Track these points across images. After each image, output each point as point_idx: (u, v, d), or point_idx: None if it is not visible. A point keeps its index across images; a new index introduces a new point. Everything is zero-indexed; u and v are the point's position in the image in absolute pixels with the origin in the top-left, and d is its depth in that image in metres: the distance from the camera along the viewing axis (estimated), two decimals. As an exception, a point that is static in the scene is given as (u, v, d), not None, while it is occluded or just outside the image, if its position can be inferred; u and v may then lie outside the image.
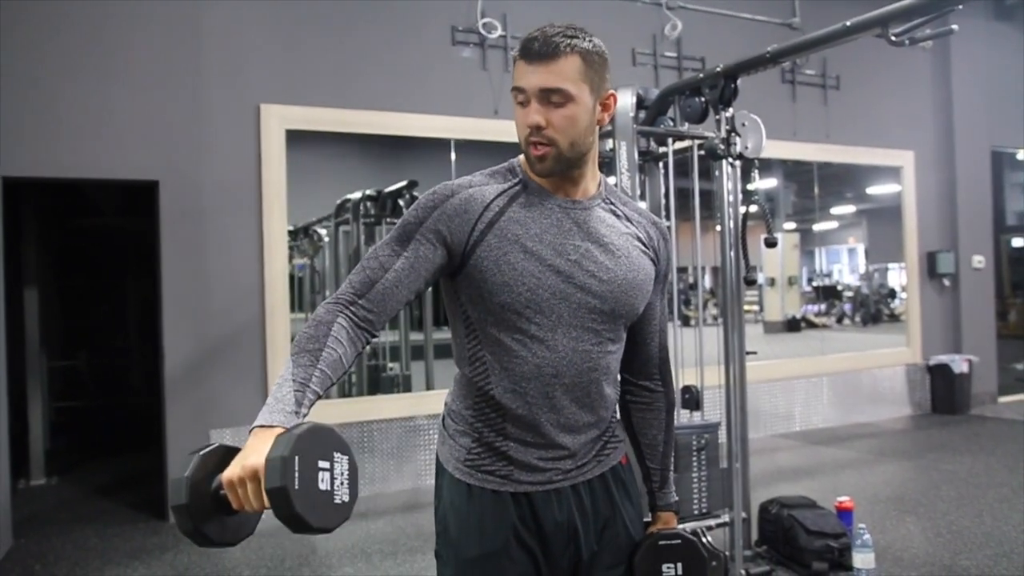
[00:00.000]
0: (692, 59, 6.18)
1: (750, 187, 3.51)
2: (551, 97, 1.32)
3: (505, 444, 1.41)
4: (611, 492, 1.50)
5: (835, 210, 9.99)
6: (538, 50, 1.31)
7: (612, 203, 1.48)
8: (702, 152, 3.56)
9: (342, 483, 1.07)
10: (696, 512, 3.53)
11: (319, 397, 1.18)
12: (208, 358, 4.71)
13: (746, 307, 13.52)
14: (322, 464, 1.05)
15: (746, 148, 3.42)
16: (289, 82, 4.97)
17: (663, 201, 3.86)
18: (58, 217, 7.20)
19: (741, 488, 3.49)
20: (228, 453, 1.11)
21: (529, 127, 1.33)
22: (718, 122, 3.46)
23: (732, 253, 3.52)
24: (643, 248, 1.48)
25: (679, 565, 1.53)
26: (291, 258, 6.16)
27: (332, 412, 5.16)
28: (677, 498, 1.66)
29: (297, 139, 5.00)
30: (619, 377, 1.55)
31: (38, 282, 5.79)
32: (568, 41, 1.32)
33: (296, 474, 1.00)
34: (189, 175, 4.65)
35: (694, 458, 3.53)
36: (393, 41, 5.29)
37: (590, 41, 1.35)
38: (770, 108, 6.42)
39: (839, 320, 12.66)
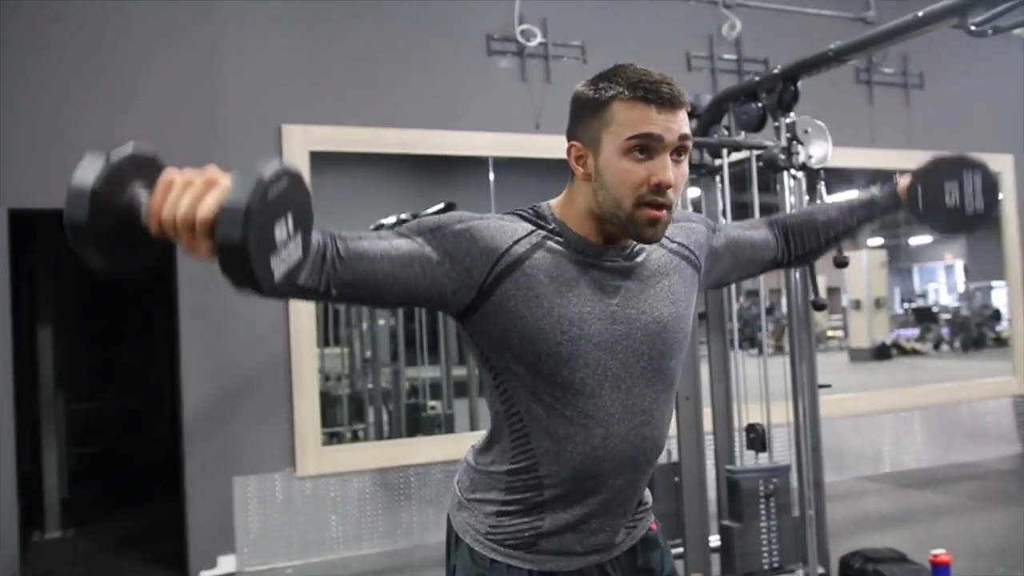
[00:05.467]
0: (754, 61, 6.10)
1: (818, 201, 3.44)
2: (681, 149, 1.28)
3: (540, 516, 1.38)
4: (636, 560, 1.49)
5: (928, 223, 9.81)
6: (670, 96, 1.26)
7: None
8: (761, 163, 3.50)
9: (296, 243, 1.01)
10: (766, 567, 3.43)
11: None
12: (230, 399, 4.76)
13: (829, 333, 13.12)
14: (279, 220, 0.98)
15: (810, 157, 3.36)
16: (312, 101, 5.05)
17: (721, 219, 3.80)
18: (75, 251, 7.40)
19: (815, 539, 3.38)
20: (151, 166, 1.01)
21: (661, 184, 1.26)
22: (777, 129, 3.41)
23: (797, 275, 3.44)
24: (679, 259, 1.45)
25: (947, 185, 1.63)
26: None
27: (368, 455, 5.17)
28: (883, 185, 1.73)
29: (324, 161, 5.06)
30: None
31: (53, 319, 5.94)
32: (681, 89, 1.29)
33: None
34: (208, 203, 4.73)
35: (762, 505, 3.44)
36: (423, 53, 5.34)
37: None
38: (844, 112, 6.31)
39: (936, 346, 12.35)
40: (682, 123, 1.27)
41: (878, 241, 11.24)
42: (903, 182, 1.66)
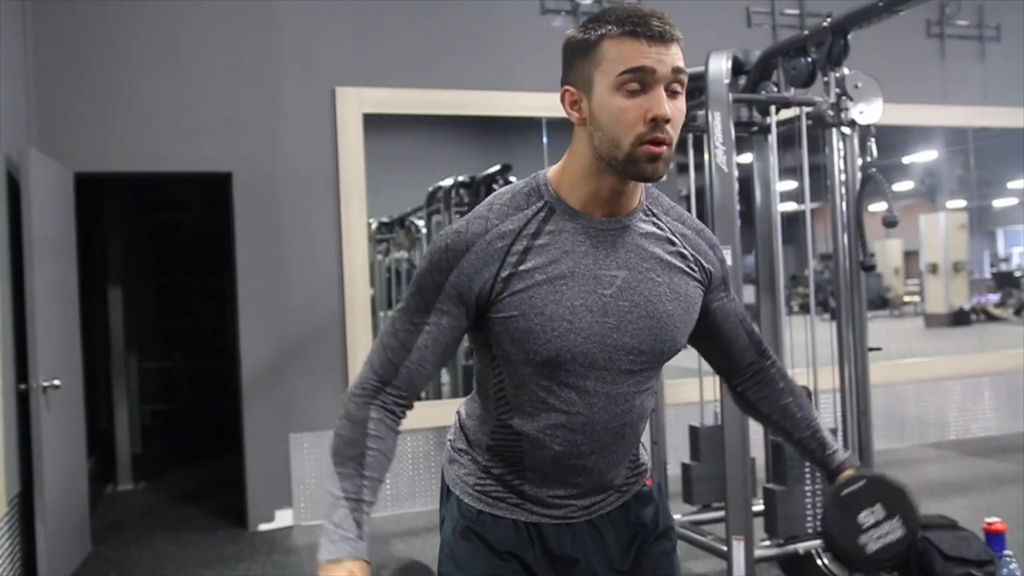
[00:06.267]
0: (817, 16, 5.90)
1: (868, 159, 3.34)
2: (676, 84, 1.26)
3: (521, 477, 1.42)
4: (628, 515, 1.50)
5: (1013, 184, 9.35)
6: (661, 30, 1.23)
7: (654, 213, 1.41)
8: (810, 121, 3.42)
9: None
10: (810, 531, 3.40)
11: (373, 505, 1.28)
12: (286, 358, 4.89)
13: (906, 298, 12.74)
14: None
15: (860, 113, 3.27)
16: (366, 63, 5.09)
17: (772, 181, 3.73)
18: (147, 213, 7.64)
19: (860, 505, 3.33)
20: None
21: (658, 118, 1.22)
22: (826, 85, 3.32)
23: (846, 238, 3.36)
24: (687, 268, 1.42)
25: (878, 507, 1.45)
26: (388, 251, 6.33)
27: (421, 414, 5.19)
28: (849, 453, 1.59)
29: (379, 124, 5.11)
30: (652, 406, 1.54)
31: (124, 280, 6.16)
32: (672, 23, 1.26)
33: None
34: (263, 165, 4.84)
35: (806, 469, 3.41)
36: (477, 13, 5.33)
37: None
38: (913, 68, 6.12)
39: (1017, 312, 11.89)
40: (675, 57, 1.24)
41: (959, 203, 10.85)
42: (854, 469, 1.52)
